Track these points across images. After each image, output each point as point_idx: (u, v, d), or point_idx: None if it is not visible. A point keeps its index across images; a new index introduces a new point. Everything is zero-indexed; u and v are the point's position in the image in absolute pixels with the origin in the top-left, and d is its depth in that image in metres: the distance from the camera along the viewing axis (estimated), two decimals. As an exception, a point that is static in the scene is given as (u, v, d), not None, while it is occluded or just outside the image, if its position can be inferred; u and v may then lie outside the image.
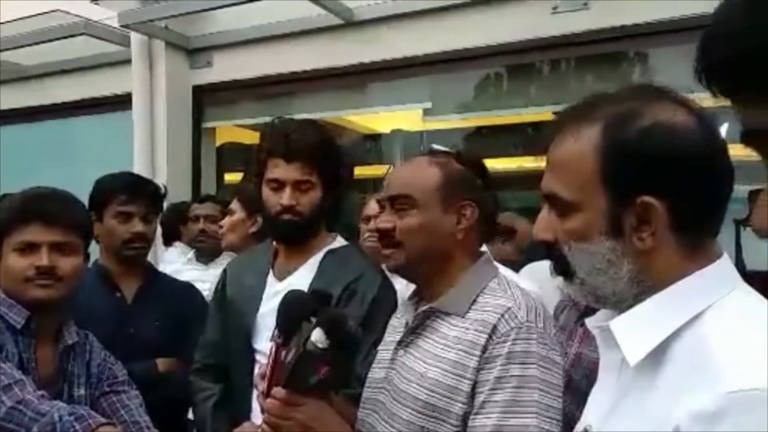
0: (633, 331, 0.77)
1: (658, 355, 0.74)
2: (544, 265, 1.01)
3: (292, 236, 1.71)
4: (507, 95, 3.70)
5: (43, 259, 1.45)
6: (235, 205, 2.67)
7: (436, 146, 1.56)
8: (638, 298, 0.79)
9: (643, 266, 0.79)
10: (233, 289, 1.80)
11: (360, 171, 5.58)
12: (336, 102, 4.08)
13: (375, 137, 5.34)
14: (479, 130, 4.67)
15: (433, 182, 1.28)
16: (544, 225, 0.89)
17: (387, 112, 4.21)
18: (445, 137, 4.55)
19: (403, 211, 1.28)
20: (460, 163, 1.39)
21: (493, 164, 4.47)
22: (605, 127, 0.79)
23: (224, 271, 1.91)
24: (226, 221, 2.69)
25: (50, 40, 4.16)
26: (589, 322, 0.88)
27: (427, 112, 3.99)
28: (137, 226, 1.96)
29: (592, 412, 0.85)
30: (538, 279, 1.78)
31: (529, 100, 3.57)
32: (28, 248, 1.47)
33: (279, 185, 1.67)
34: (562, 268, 0.88)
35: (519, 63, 3.52)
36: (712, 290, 0.75)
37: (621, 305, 0.81)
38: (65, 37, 4.11)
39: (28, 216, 1.48)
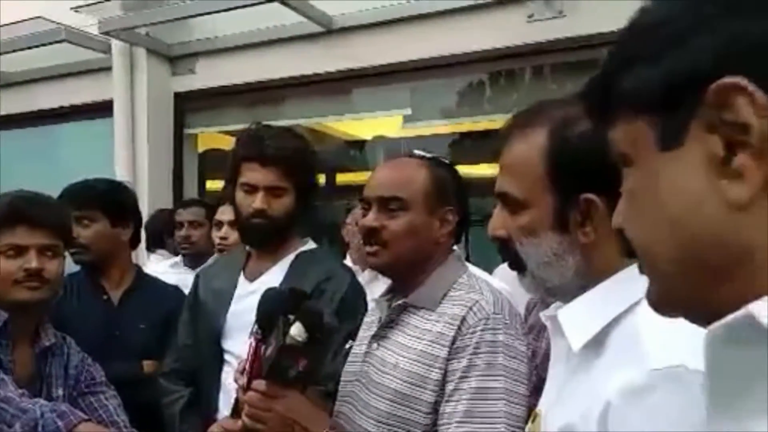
0: (577, 319, 0.82)
1: (599, 340, 0.79)
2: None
3: (261, 240, 1.75)
4: (486, 102, 3.76)
5: (33, 261, 1.48)
6: (227, 209, 2.69)
7: (417, 152, 1.61)
8: (583, 289, 0.85)
9: (587, 259, 0.84)
10: (205, 291, 1.84)
11: (342, 177, 5.64)
12: (317, 108, 4.13)
13: (356, 143, 5.39)
14: (459, 137, 4.74)
15: (423, 186, 1.32)
16: (498, 223, 0.94)
17: (368, 118, 4.26)
18: (425, 144, 4.61)
19: (393, 212, 1.31)
20: (442, 169, 1.44)
21: (474, 170, 4.55)
22: (550, 131, 0.85)
23: (197, 275, 1.95)
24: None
25: (31, 47, 4.16)
26: (542, 314, 0.93)
27: (407, 119, 4.05)
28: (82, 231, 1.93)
29: (544, 398, 0.90)
30: (509, 279, 1.84)
31: (508, 107, 3.62)
32: (16, 251, 1.49)
33: (252, 189, 1.70)
34: (516, 263, 0.93)
35: (498, 70, 3.59)
36: None
37: (568, 296, 0.87)
38: (47, 44, 4.12)
39: (15, 219, 1.51)
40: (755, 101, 0.42)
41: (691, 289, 0.48)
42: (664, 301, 0.52)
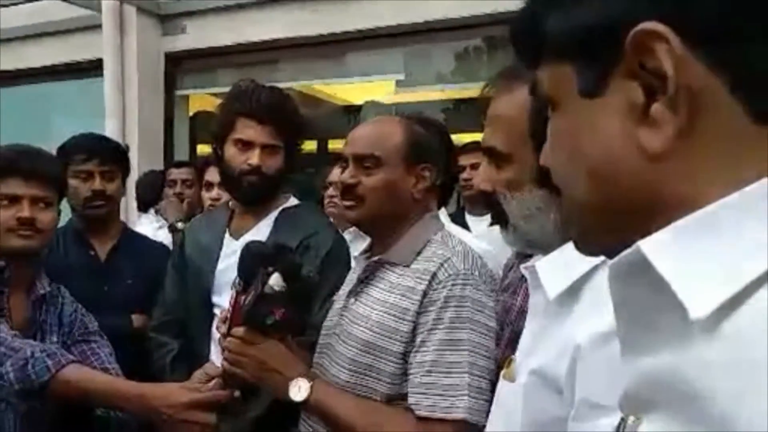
0: (554, 270, 0.84)
1: (574, 291, 0.81)
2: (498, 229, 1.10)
3: (255, 197, 1.76)
4: (482, 68, 3.75)
5: (25, 210, 1.51)
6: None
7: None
8: (564, 243, 0.86)
9: None
10: (191, 249, 1.86)
11: (334, 144, 5.63)
12: (310, 71, 4.11)
13: (349, 109, 5.37)
14: (453, 103, 4.73)
15: (399, 143, 1.35)
16: (484, 177, 0.96)
17: (361, 82, 4.24)
18: (418, 109, 4.60)
19: (368, 169, 1.33)
20: (423, 128, 1.45)
21: (467, 138, 4.54)
22: (532, 85, 0.86)
23: (182, 231, 1.96)
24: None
25: (21, 3, 4.10)
26: (522, 266, 0.95)
27: (400, 84, 4.03)
28: (96, 183, 1.99)
29: (520, 347, 0.93)
30: (493, 240, 1.88)
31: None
32: (10, 200, 1.52)
33: (247, 145, 1.71)
34: (499, 217, 0.95)
35: (492, 35, 3.57)
36: None
37: (549, 250, 0.89)
38: (36, 0, 4.05)
39: (9, 171, 1.53)
40: (673, 50, 0.42)
41: (608, 231, 0.49)
42: (583, 241, 0.54)
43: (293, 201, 1.84)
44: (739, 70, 0.42)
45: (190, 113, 4.57)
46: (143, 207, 3.56)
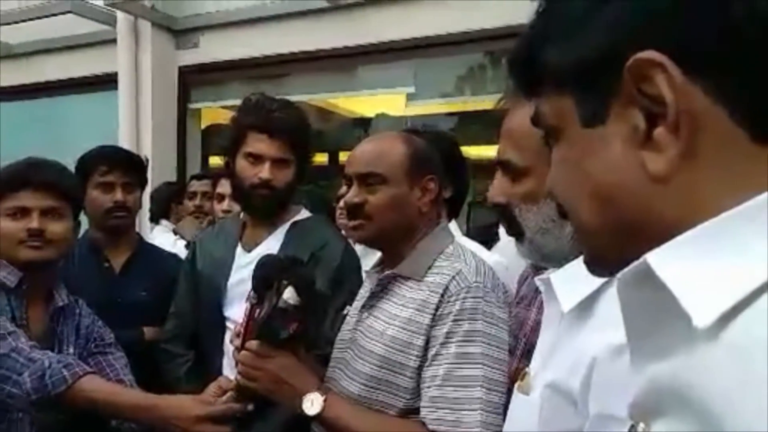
0: (569, 282, 0.84)
1: (589, 303, 0.81)
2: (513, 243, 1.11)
3: (265, 210, 1.78)
4: (490, 81, 3.76)
5: (34, 222, 1.52)
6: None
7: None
8: (579, 256, 0.87)
9: None
10: (203, 261, 1.87)
11: (345, 156, 5.64)
12: (321, 85, 4.13)
13: (360, 122, 5.39)
14: (463, 116, 4.74)
15: (400, 159, 1.34)
16: (498, 190, 0.97)
17: (371, 95, 4.27)
18: (428, 122, 4.61)
19: (372, 187, 1.33)
20: (428, 140, 1.46)
21: (479, 152, 4.55)
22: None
23: (193, 243, 1.97)
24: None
25: (37, 18, 4.16)
26: (537, 278, 0.95)
27: (410, 97, 4.05)
28: (118, 195, 2.01)
29: (534, 359, 0.93)
30: (508, 253, 1.88)
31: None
32: (20, 213, 1.53)
33: (258, 159, 1.72)
34: (514, 230, 0.96)
35: (502, 49, 3.58)
36: None
37: (564, 263, 0.89)
38: (52, 15, 4.12)
39: (20, 183, 1.55)
40: (671, 77, 0.43)
41: (617, 253, 0.50)
42: (594, 262, 0.55)
43: (305, 213, 1.85)
44: (736, 94, 0.43)
45: (202, 126, 4.61)
46: (156, 219, 3.59)
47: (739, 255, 0.41)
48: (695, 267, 0.42)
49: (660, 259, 0.43)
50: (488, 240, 2.21)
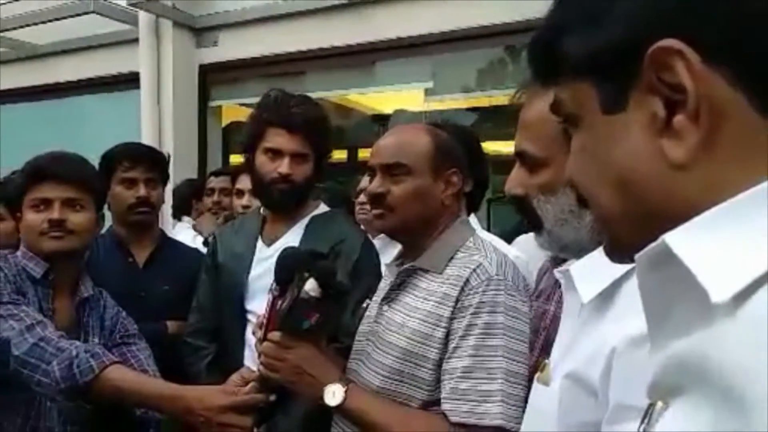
0: (588, 273, 0.85)
1: (609, 294, 0.81)
2: (532, 236, 1.11)
3: (284, 204, 1.80)
4: (509, 76, 3.75)
5: (55, 212, 1.55)
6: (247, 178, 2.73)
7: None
8: (598, 246, 0.87)
9: None
10: (224, 255, 1.89)
11: (364, 153, 5.66)
12: (340, 81, 4.15)
13: (379, 118, 5.40)
14: (482, 111, 4.72)
15: (425, 150, 1.35)
16: (516, 181, 0.97)
17: (390, 91, 4.27)
18: (447, 118, 4.60)
19: (397, 177, 1.34)
20: (450, 134, 1.46)
21: (498, 147, 4.53)
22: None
23: (214, 237, 1.99)
24: None
25: (60, 18, 4.23)
26: (556, 270, 0.96)
27: (429, 92, 4.05)
28: (141, 190, 2.04)
29: (554, 351, 0.93)
30: (527, 249, 1.88)
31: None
32: (43, 204, 1.57)
33: (277, 154, 1.74)
34: (532, 221, 0.96)
35: (520, 44, 3.57)
36: None
37: (583, 253, 0.89)
38: (75, 15, 4.17)
39: (42, 175, 1.59)
40: (691, 65, 0.43)
41: (638, 239, 0.50)
42: (615, 250, 0.56)
43: (324, 208, 1.87)
44: (754, 80, 0.44)
45: (223, 124, 4.65)
46: (177, 215, 3.63)
47: (757, 234, 0.42)
48: (713, 246, 0.43)
49: (678, 239, 0.44)
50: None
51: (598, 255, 0.86)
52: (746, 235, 0.42)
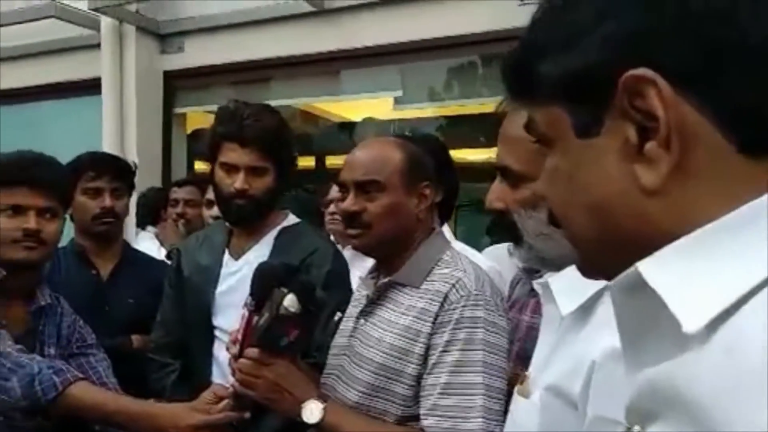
0: (568, 286, 0.85)
1: (588, 307, 0.82)
2: (503, 247, 1.10)
3: (243, 220, 1.76)
4: (478, 85, 3.78)
5: (31, 222, 1.50)
6: None
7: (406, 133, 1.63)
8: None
9: None
10: (189, 269, 1.84)
11: (331, 160, 5.64)
12: (307, 89, 4.12)
13: (347, 126, 5.40)
14: (450, 120, 4.76)
15: (398, 165, 1.34)
16: (497, 195, 0.97)
17: (358, 100, 4.26)
18: (416, 126, 4.63)
19: (371, 194, 1.33)
20: (418, 145, 1.46)
21: (465, 155, 4.56)
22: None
23: (178, 250, 1.94)
24: None
25: (20, 22, 4.11)
26: (535, 282, 0.96)
27: (398, 101, 4.06)
28: (106, 200, 1.99)
29: (533, 363, 0.93)
30: (497, 258, 1.89)
31: (500, 91, 3.62)
32: (16, 211, 1.50)
33: (232, 169, 1.70)
34: (513, 235, 0.96)
35: (489, 53, 3.60)
36: None
37: (563, 268, 0.89)
38: (35, 20, 4.07)
39: (16, 179, 1.52)
40: (662, 93, 0.44)
41: (609, 259, 0.51)
42: (587, 268, 0.56)
43: (292, 219, 1.84)
44: (723, 106, 0.45)
45: (188, 131, 4.58)
46: (142, 225, 3.55)
47: (728, 262, 0.43)
48: (685, 274, 0.44)
49: (651, 267, 0.45)
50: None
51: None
52: (717, 263, 0.43)
